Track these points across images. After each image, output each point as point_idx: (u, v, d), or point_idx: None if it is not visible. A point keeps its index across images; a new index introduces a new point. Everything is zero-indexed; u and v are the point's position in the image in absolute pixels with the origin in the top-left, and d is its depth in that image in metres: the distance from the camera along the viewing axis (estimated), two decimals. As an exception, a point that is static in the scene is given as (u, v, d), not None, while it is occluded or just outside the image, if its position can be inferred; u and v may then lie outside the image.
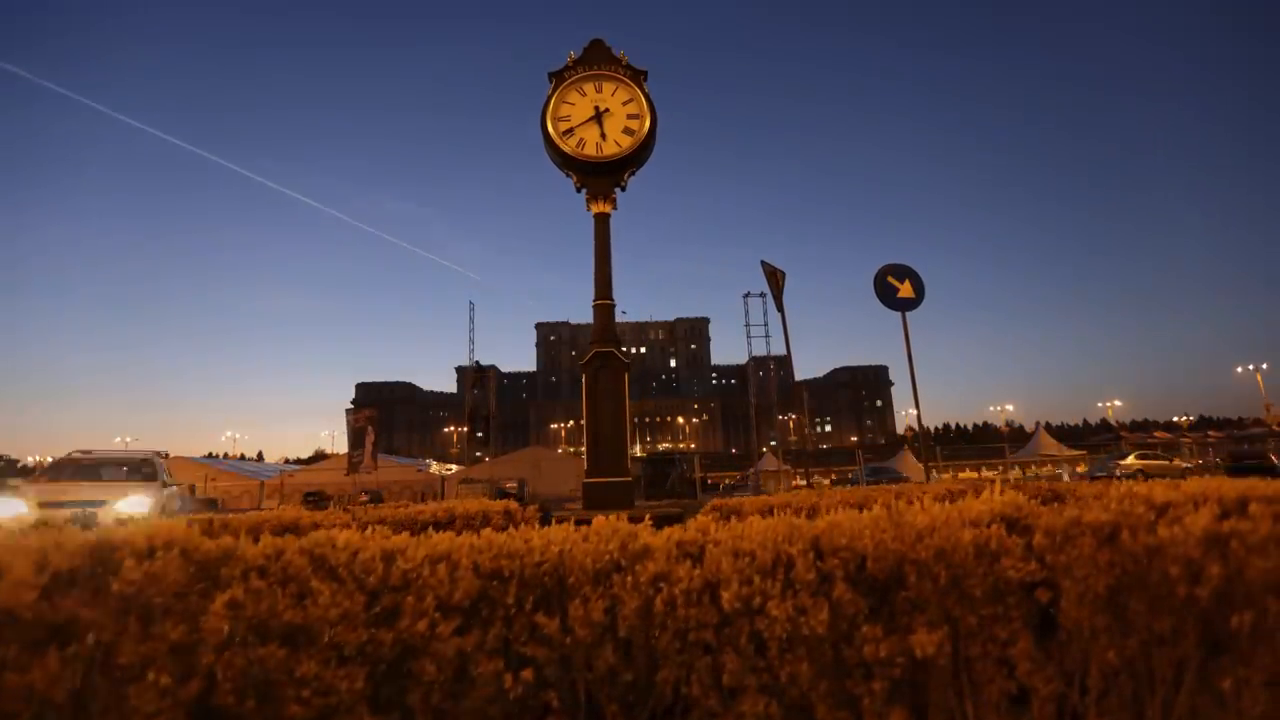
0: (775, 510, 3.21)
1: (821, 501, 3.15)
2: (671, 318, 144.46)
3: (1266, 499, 0.92)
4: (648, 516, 1.53)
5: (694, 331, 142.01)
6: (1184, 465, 23.64)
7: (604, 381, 4.74)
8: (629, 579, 1.08)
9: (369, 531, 1.49)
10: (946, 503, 3.07)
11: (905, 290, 6.29)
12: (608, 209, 5.20)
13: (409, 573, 1.12)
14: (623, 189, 5.30)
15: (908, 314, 6.52)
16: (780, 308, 6.42)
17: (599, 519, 1.61)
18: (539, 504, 3.99)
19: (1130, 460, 22.37)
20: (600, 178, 5.21)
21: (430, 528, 3.31)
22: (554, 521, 3.83)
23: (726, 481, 63.65)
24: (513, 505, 3.75)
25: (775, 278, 6.17)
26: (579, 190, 5.26)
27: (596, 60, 5.44)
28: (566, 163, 5.22)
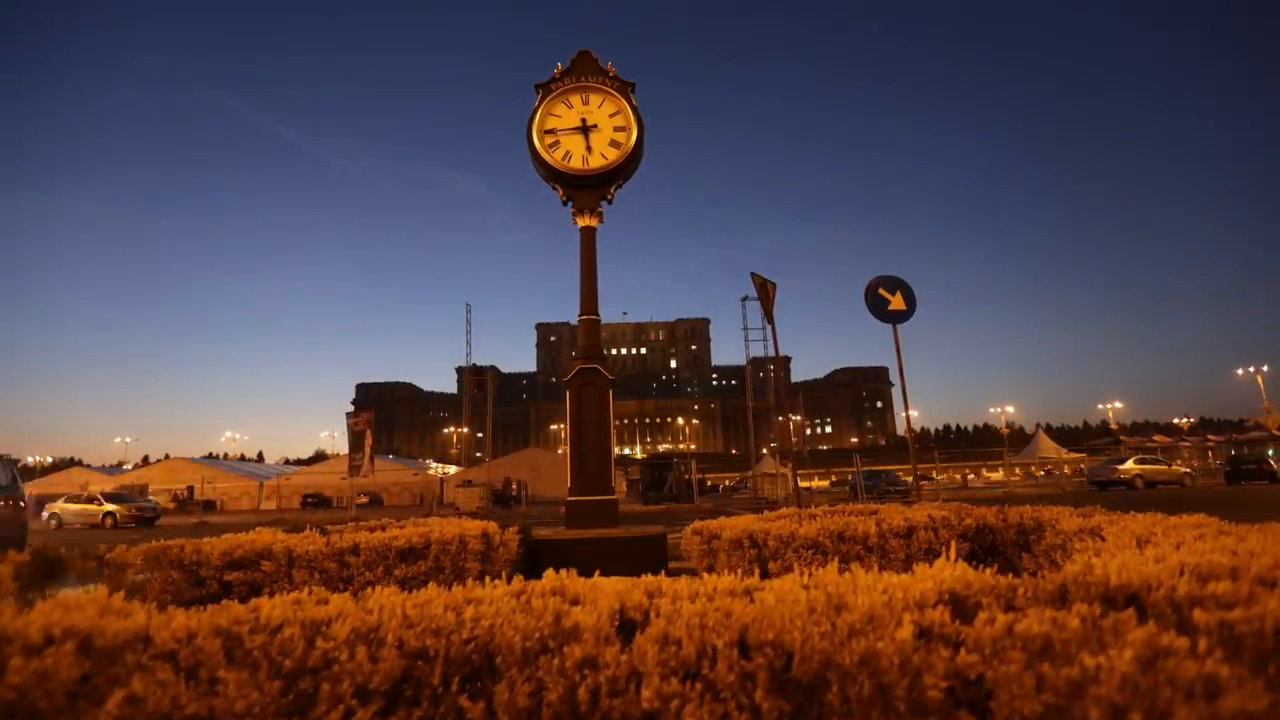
0: (753, 537, 3.17)
1: (800, 529, 3.10)
2: (672, 318, 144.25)
3: (1217, 600, 0.87)
4: (597, 574, 1.48)
5: (694, 332, 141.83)
6: (1182, 470, 23.53)
7: (588, 398, 4.69)
8: (555, 662, 1.03)
9: (305, 593, 1.44)
10: (903, 558, 2.99)
11: (896, 303, 6.23)
12: (594, 222, 5.15)
13: (330, 652, 1.07)
14: (609, 202, 5.26)
15: (899, 325, 6.46)
16: (770, 320, 6.36)
17: (549, 573, 1.57)
18: (520, 524, 3.96)
19: (1129, 465, 22.25)
20: (586, 191, 5.16)
21: (406, 555, 3.26)
22: (532, 536, 3.77)
23: (726, 483, 63.63)
24: (491, 527, 3.69)
25: (765, 290, 6.11)
26: (565, 203, 5.21)
27: (584, 72, 5.40)
28: (553, 176, 5.18)
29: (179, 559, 3.30)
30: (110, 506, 21.21)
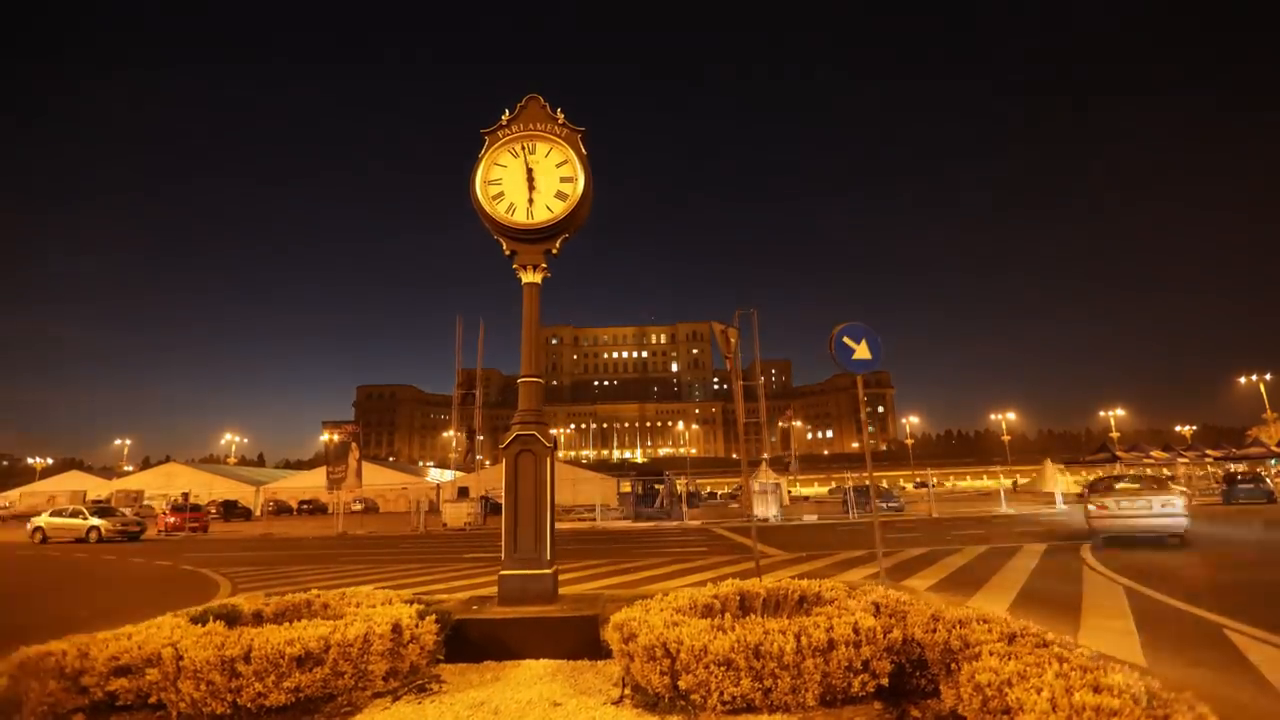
0: (666, 647, 2.98)
1: (713, 644, 2.91)
2: (674, 321, 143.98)
3: None
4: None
5: (696, 336, 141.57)
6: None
7: (524, 466, 4.49)
8: None
9: None
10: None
11: (861, 351, 6.02)
12: (538, 278, 4.96)
13: None
14: (555, 255, 5.06)
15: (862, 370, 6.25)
16: (731, 366, 6.17)
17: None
18: (439, 614, 3.78)
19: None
20: (531, 245, 4.97)
21: (301, 662, 3.08)
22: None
23: (725, 489, 63.45)
24: (405, 617, 3.51)
25: (725, 337, 5.90)
26: (509, 256, 5.02)
27: (531, 118, 5.20)
28: (497, 229, 4.98)
29: (59, 667, 3.11)
30: (95, 521, 20.98)
